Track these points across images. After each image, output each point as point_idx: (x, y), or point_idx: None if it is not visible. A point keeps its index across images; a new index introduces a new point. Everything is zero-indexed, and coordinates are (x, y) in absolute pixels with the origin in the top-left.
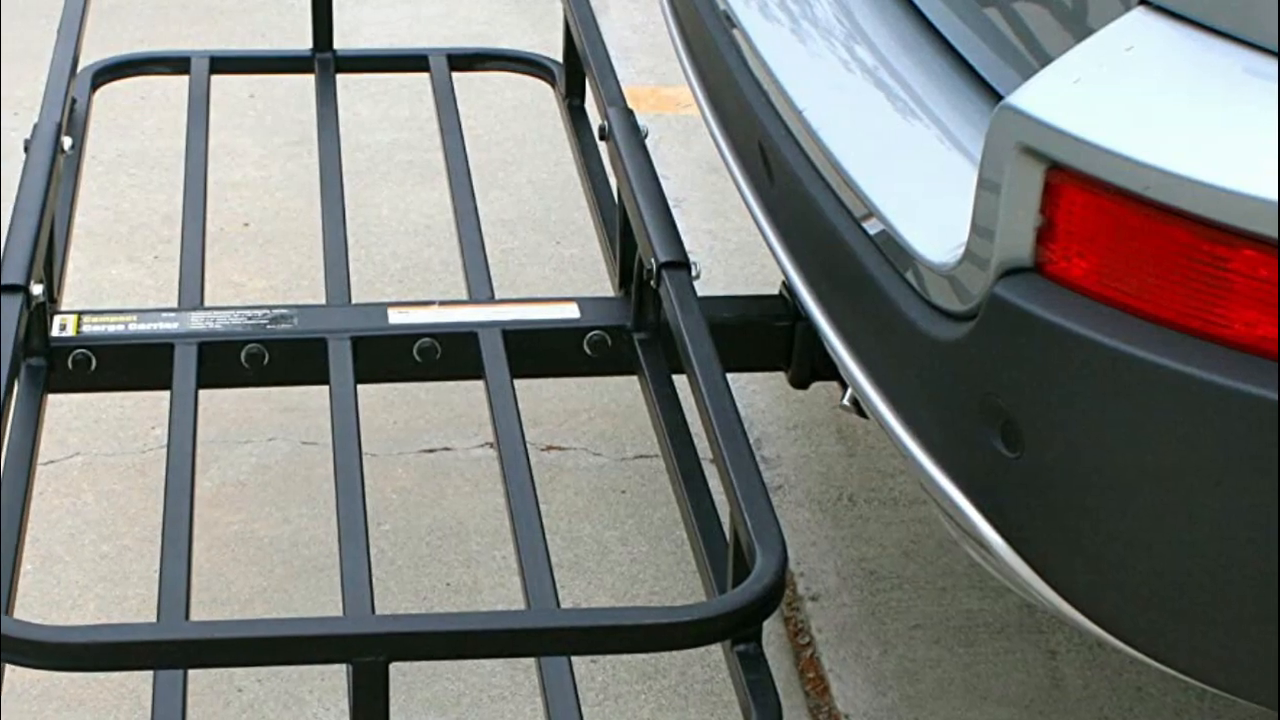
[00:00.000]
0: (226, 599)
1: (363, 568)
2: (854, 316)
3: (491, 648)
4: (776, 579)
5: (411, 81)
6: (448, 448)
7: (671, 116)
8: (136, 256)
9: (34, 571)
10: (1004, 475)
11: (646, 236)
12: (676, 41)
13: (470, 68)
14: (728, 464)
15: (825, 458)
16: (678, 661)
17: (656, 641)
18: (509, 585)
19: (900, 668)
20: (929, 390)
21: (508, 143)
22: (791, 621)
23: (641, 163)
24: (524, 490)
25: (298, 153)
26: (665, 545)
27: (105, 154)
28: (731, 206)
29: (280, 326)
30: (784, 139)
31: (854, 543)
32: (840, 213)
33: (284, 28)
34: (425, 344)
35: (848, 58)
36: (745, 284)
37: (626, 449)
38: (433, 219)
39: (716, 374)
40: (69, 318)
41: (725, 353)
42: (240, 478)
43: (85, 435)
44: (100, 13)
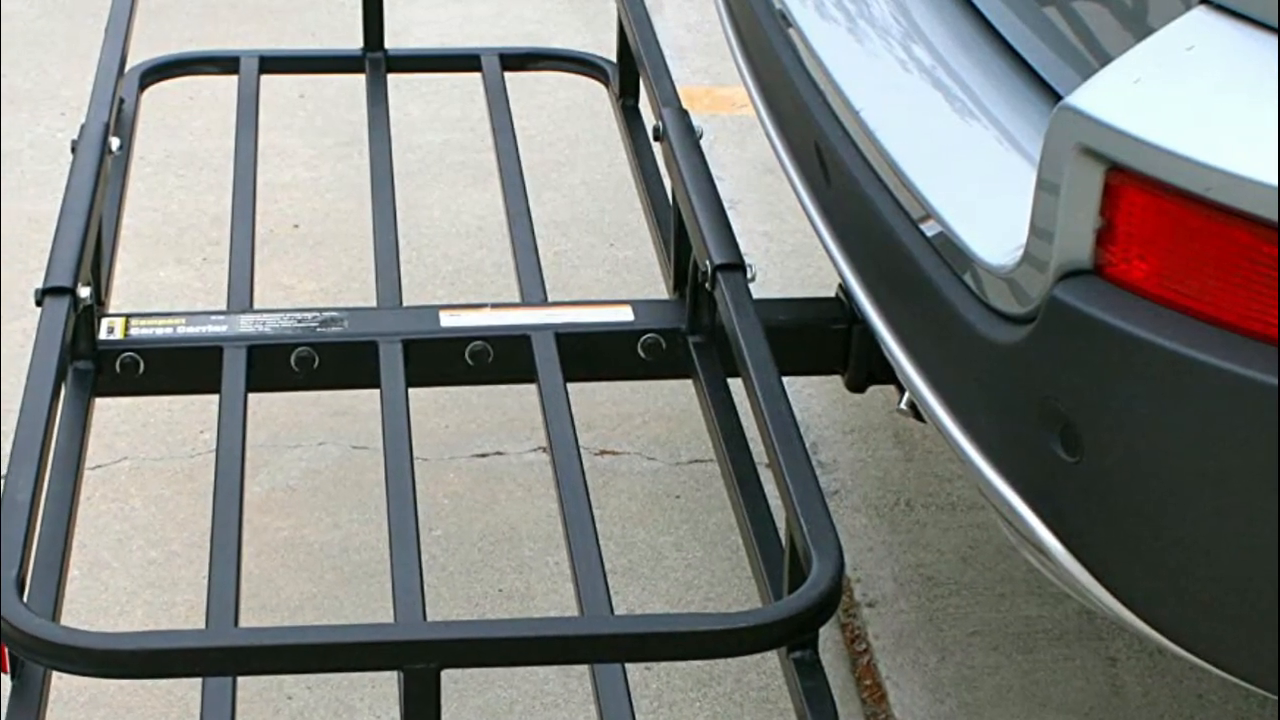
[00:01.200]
0: (276, 605)
1: (414, 574)
2: (911, 319)
3: (544, 655)
4: (833, 585)
5: (463, 81)
6: (500, 452)
7: (727, 117)
8: (185, 258)
9: (81, 577)
10: (1063, 480)
11: (701, 238)
12: (731, 41)
13: (523, 67)
14: (784, 468)
15: (882, 462)
16: (733, 668)
17: (711, 648)
18: (562, 591)
19: (958, 675)
20: (987, 394)
21: (561, 143)
22: (848, 628)
23: (696, 164)
24: (577, 495)
25: (348, 153)
26: (720, 551)
27: (153, 155)
28: (787, 208)
29: (330, 329)
30: (840, 139)
31: (911, 548)
32: (897, 214)
33: (334, 27)
34: (477, 347)
35: (905, 57)
36: (801, 286)
37: (681, 453)
38: (485, 220)
39: (772, 377)
40: (117, 320)
41: (781, 356)
42: (290, 483)
43: (133, 439)
44: (148, 12)
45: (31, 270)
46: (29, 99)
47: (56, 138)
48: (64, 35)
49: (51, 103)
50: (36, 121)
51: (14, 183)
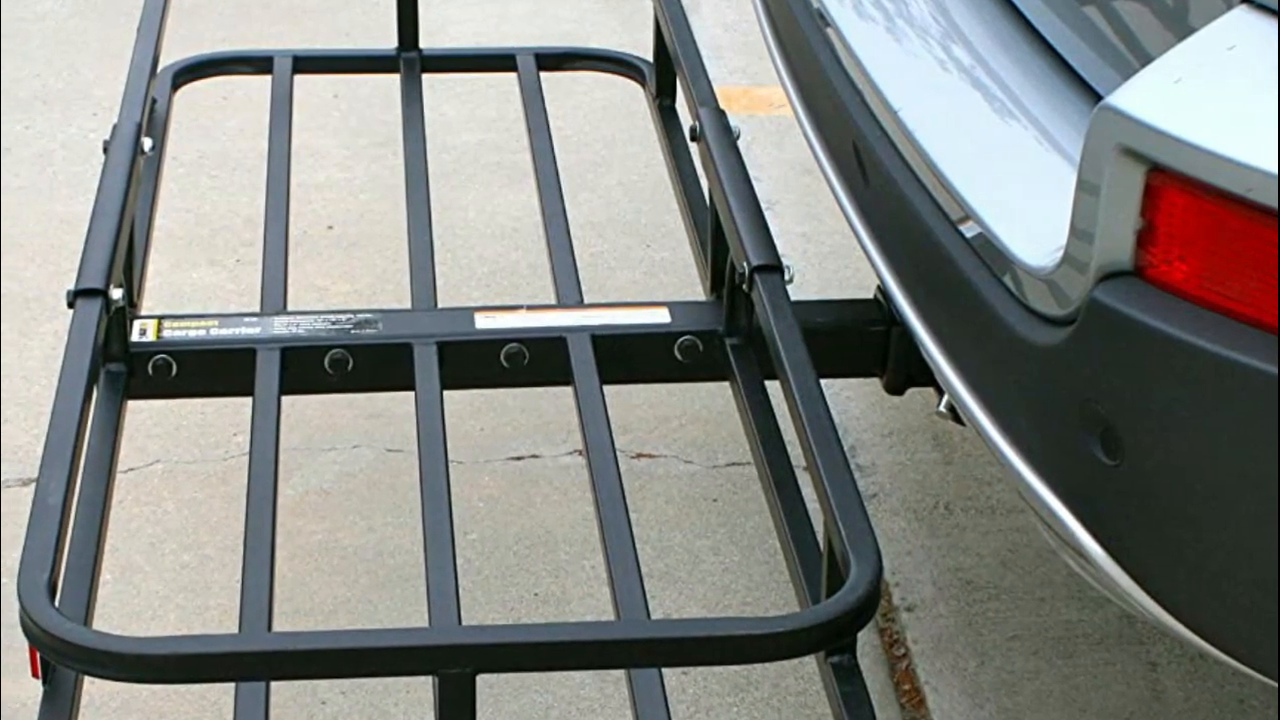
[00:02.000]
0: (310, 609)
1: (449, 578)
2: (950, 321)
3: (580, 659)
4: (871, 589)
5: (498, 81)
6: (536, 455)
7: (764, 117)
8: (218, 260)
9: (114, 581)
10: (1104, 483)
11: (739, 239)
12: (769, 40)
13: (559, 67)
14: (822, 471)
15: (921, 465)
16: (770, 673)
17: (749, 653)
18: (598, 595)
19: (998, 679)
20: (1027, 396)
21: (597, 144)
22: (887, 632)
23: (734, 164)
24: (614, 498)
25: (382, 154)
26: (758, 554)
27: (186, 155)
28: (825, 209)
29: (365, 331)
30: (879, 140)
31: (950, 552)
32: (936, 215)
33: (368, 26)
34: (513, 349)
35: (944, 57)
36: (839, 288)
37: (718, 456)
38: (520, 221)
39: (810, 380)
40: (149, 322)
41: (819, 358)
42: (324, 486)
43: (166, 442)
44: (181, 11)
45: (64, 272)
46: (61, 99)
47: (89, 138)
48: (96, 35)
49: (84, 103)
50: (68, 122)
51: (46, 183)
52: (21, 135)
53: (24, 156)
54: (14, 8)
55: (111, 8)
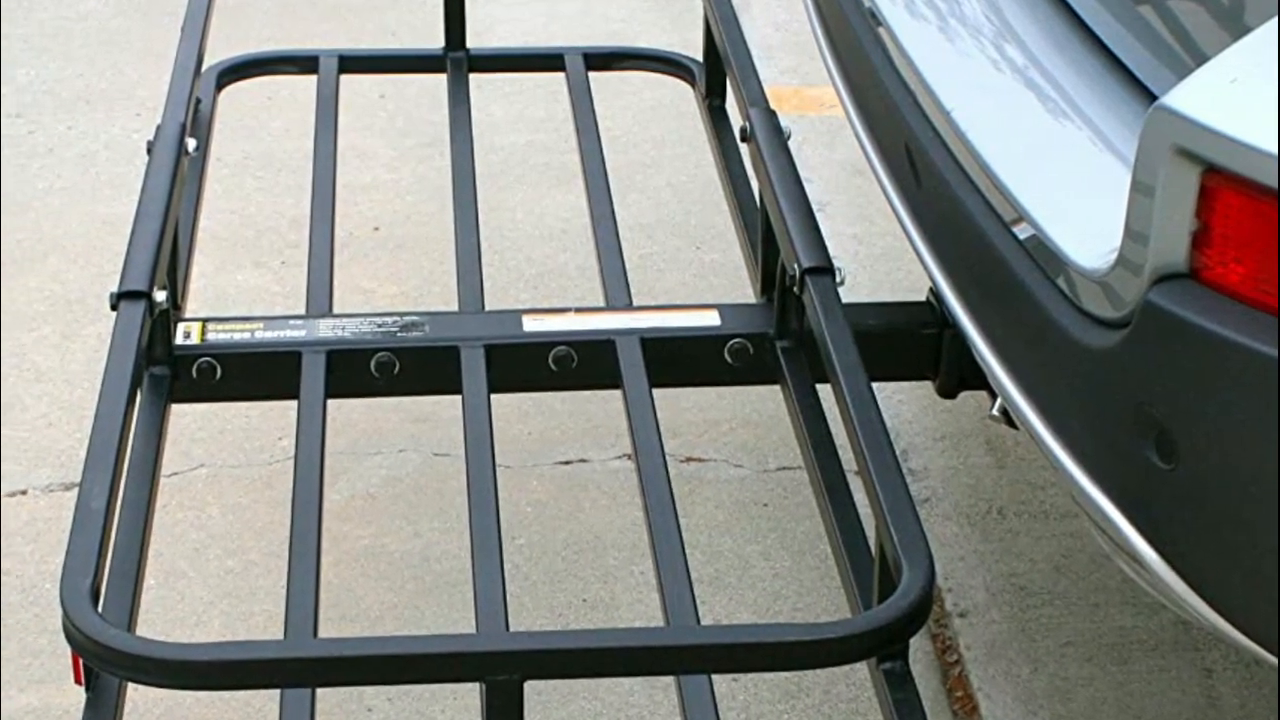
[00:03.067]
0: (355, 615)
1: (496, 583)
2: (1003, 323)
3: (629, 666)
4: (923, 594)
5: (547, 81)
6: (584, 459)
7: (815, 117)
8: (263, 262)
9: (157, 587)
10: (1158, 487)
11: (789, 241)
12: (820, 40)
13: (607, 67)
14: (873, 476)
15: (974, 469)
16: (821, 680)
17: (800, 659)
18: (647, 601)
19: (1051, 686)
20: (1081, 400)
21: (646, 144)
22: (939, 638)
23: (784, 165)
24: (663, 503)
25: (429, 155)
26: (809, 560)
27: (231, 156)
28: (877, 210)
29: (411, 334)
30: (931, 140)
31: (1003, 557)
32: (989, 216)
33: (415, 26)
34: (561, 352)
35: (997, 56)
36: (891, 290)
37: (769, 461)
38: (569, 223)
39: (862, 383)
40: (193, 325)
41: (870, 361)
42: (370, 490)
43: (210, 446)
44: (225, 10)
45: (107, 274)
46: (104, 99)
47: (132, 138)
48: (140, 34)
49: (127, 103)
50: (112, 122)
51: (89, 184)
52: (64, 136)
53: (67, 157)
54: (57, 7)
55: (155, 7)
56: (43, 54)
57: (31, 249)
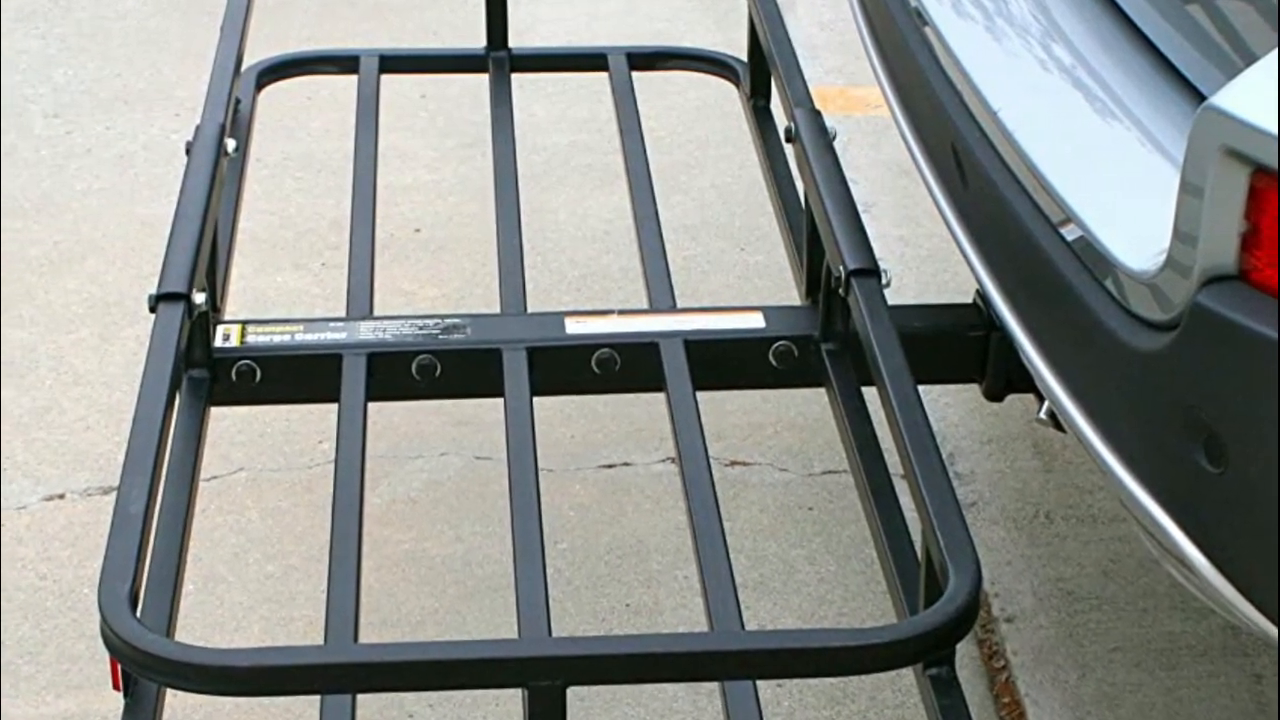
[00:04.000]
0: (396, 620)
1: (539, 588)
2: (1051, 326)
3: (673, 671)
4: (970, 599)
5: (590, 81)
6: (627, 463)
7: (861, 118)
8: (303, 264)
9: (196, 592)
10: (1207, 491)
11: (835, 243)
12: (866, 40)
13: (651, 67)
14: (919, 480)
15: (1021, 473)
16: (867, 685)
17: (845, 665)
18: (691, 606)
19: (1099, 692)
20: (1129, 403)
21: (690, 145)
22: (986, 644)
23: (829, 166)
24: (707, 507)
25: (471, 155)
26: (854, 564)
27: (270, 157)
28: (923, 211)
29: (453, 337)
30: (978, 141)
31: (1051, 562)
32: (1037, 218)
33: (456, 25)
34: (604, 355)
35: (1044, 56)
36: (937, 292)
37: (814, 464)
38: (612, 224)
39: (908, 386)
40: (233, 328)
41: (917, 364)
42: (411, 494)
43: (249, 450)
44: (265, 10)
45: (145, 276)
46: (143, 99)
47: (171, 139)
48: (178, 33)
49: (166, 103)
50: (150, 123)
51: (127, 185)
52: (102, 136)
53: (105, 158)
54: (95, 6)
55: (194, 6)
56: (80, 54)
57: (69, 250)
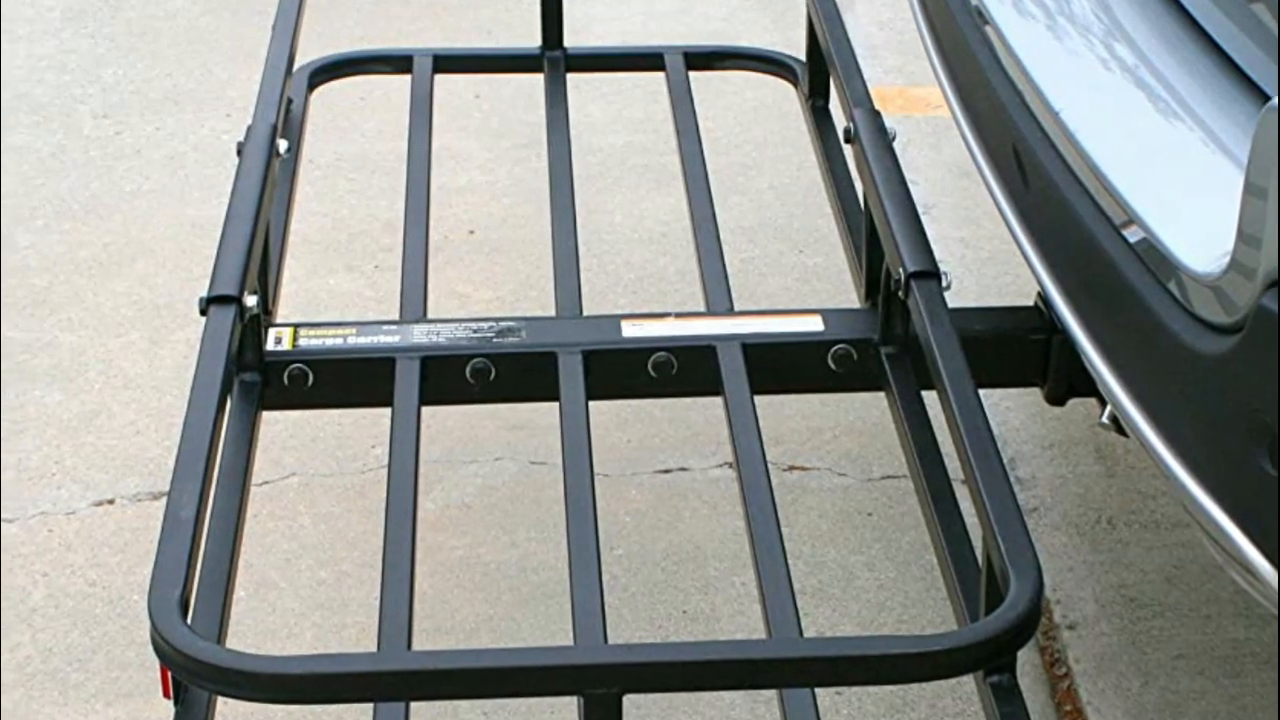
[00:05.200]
0: (450, 627)
1: (594, 594)
2: (1113, 329)
3: (731, 679)
4: (1032, 606)
5: (646, 81)
6: (684, 468)
7: (921, 118)
8: (356, 266)
9: (248, 598)
10: (1272, 496)
11: (894, 245)
12: (926, 39)
13: (708, 66)
14: (980, 485)
15: (1083, 478)
16: (927, 693)
17: (905, 672)
18: (749, 613)
19: (1162, 700)
20: (1193, 407)
21: (747, 146)
22: (1047, 651)
23: (889, 167)
24: (765, 512)
25: (526, 156)
26: (914, 570)
27: (323, 157)
28: (984, 213)
29: (508, 340)
30: (1039, 141)
31: (1113, 568)
32: (1099, 219)
33: (511, 24)
34: (661, 358)
35: (1106, 56)
36: (998, 295)
37: (873, 469)
38: (668, 226)
39: (968, 390)
40: (284, 330)
41: (977, 367)
42: (465, 499)
43: (302, 454)
44: (317, 9)
45: (196, 278)
46: (193, 99)
47: (222, 140)
48: (229, 33)
49: (217, 103)
50: (201, 123)
51: (177, 187)
52: (152, 137)
53: (155, 159)
54: (145, 5)
55: (245, 5)
56: (130, 53)
57: (119, 253)
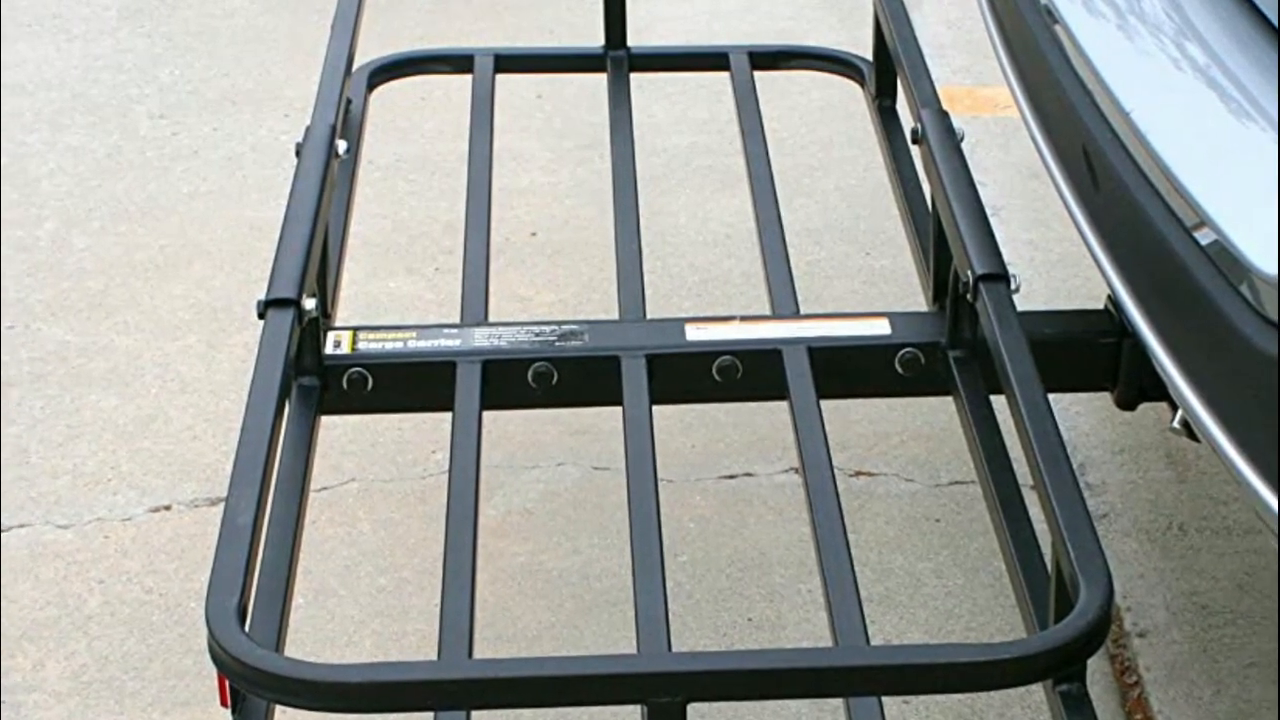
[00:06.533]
0: (512, 635)
1: (658, 602)
2: (1184, 332)
3: (797, 687)
4: (1102, 614)
5: (710, 81)
6: (749, 473)
7: (989, 118)
8: (416, 268)
9: (306, 606)
10: None
11: (963, 247)
12: (994, 38)
13: (774, 66)
14: (1049, 491)
15: (1154, 484)
16: (996, 702)
17: (974, 681)
18: (815, 621)
19: (1234, 709)
20: (1264, 411)
21: (813, 146)
22: (1118, 659)
23: (957, 168)
24: (831, 519)
25: (588, 157)
26: (982, 578)
27: (382, 158)
28: (1053, 215)
29: (570, 343)
30: (1110, 142)
31: (1185, 575)
32: (1170, 221)
33: (574, 24)
34: (725, 362)
35: (1177, 55)
36: (1068, 298)
37: (941, 475)
38: (733, 228)
39: (1037, 394)
40: (344, 334)
41: (1046, 371)
42: (527, 505)
43: (361, 460)
44: (377, 7)
45: (254, 281)
46: (251, 99)
47: (280, 140)
48: (287, 32)
49: (275, 103)
50: (259, 124)
51: (235, 188)
52: (209, 137)
53: (212, 160)
54: (202, 4)
55: (304, 3)
56: (187, 53)
57: (176, 255)
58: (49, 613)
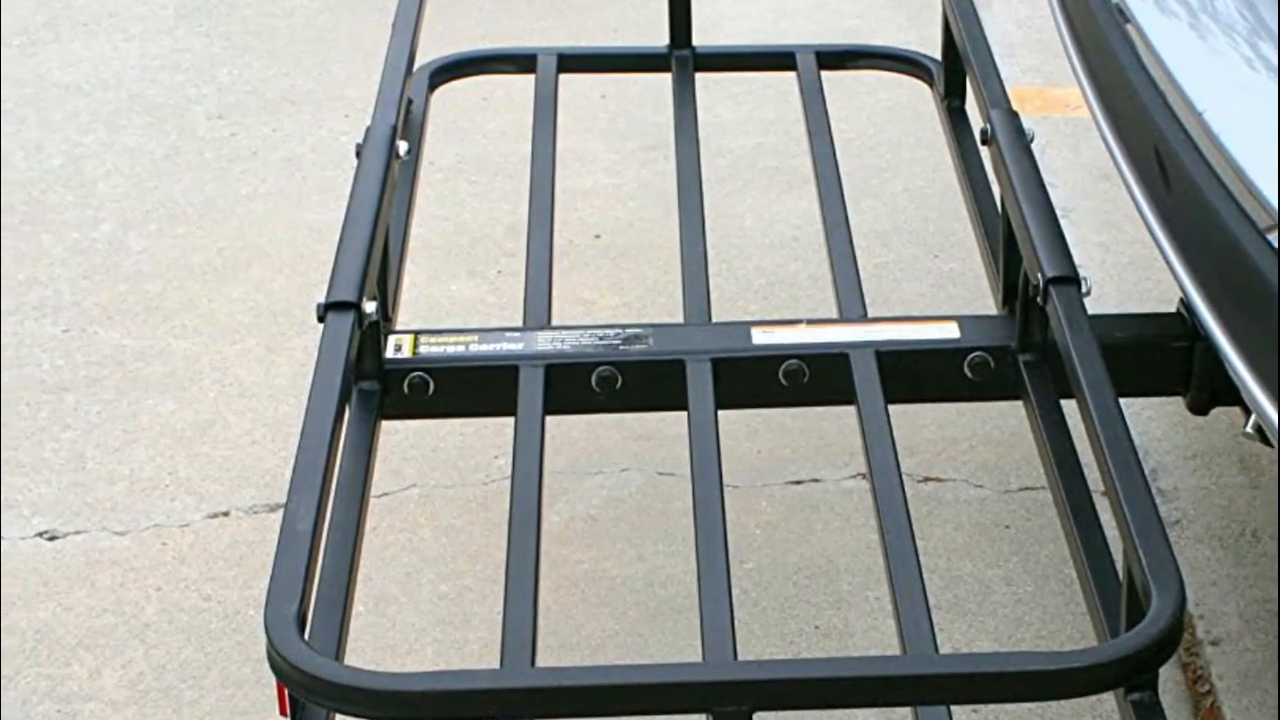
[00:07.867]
0: (575, 643)
1: (724, 610)
2: (1258, 335)
3: (864, 696)
4: (1174, 621)
5: (777, 81)
6: (816, 479)
7: (1060, 119)
8: (478, 271)
9: (367, 613)
10: None
11: (1033, 249)
12: (1065, 37)
13: (841, 66)
14: (1121, 497)
15: (1227, 490)
16: (1066, 711)
17: (1044, 689)
18: (883, 628)
19: None
20: None
21: (881, 147)
22: (1190, 668)
23: (1027, 169)
24: (899, 525)
25: (653, 158)
26: (1053, 585)
27: (444, 160)
28: (1125, 217)
29: (634, 347)
30: (1182, 143)
31: (1258, 582)
32: (1243, 223)
33: (638, 23)
34: (792, 366)
35: (1251, 55)
36: (1140, 301)
37: (1011, 480)
38: (800, 230)
39: (1109, 398)
40: (405, 338)
41: (1118, 375)
42: (591, 511)
43: (422, 465)
44: (438, 6)
45: (313, 284)
46: (311, 99)
47: (340, 141)
48: (348, 31)
49: (335, 104)
50: (319, 124)
51: (295, 189)
52: (269, 138)
53: (271, 161)
54: (261, 3)
55: (364, 2)
56: (246, 52)
57: (234, 257)
58: (106, 620)
